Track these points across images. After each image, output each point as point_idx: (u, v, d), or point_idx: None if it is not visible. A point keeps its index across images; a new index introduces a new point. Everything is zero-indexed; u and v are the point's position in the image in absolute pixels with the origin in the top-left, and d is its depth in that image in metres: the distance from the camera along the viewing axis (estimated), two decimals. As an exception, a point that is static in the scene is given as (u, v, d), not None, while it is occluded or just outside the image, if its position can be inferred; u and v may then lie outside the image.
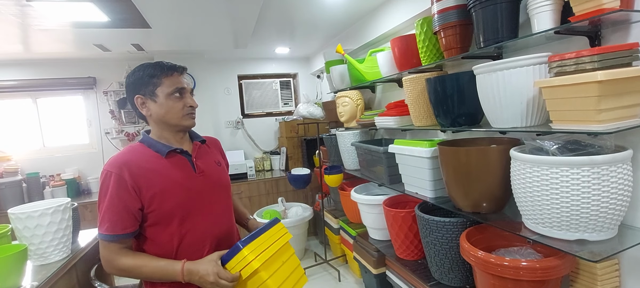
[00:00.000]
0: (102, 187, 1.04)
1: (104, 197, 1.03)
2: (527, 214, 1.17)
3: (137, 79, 1.09)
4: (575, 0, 1.02)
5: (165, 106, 1.09)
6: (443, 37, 1.55)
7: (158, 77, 1.08)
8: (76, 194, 3.42)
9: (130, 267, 1.03)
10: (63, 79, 3.47)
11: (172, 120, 1.11)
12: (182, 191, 1.09)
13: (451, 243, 1.54)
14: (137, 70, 1.11)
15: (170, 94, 1.09)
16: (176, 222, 1.07)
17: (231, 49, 3.51)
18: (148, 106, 1.10)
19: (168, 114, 1.10)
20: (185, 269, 1.01)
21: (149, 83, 1.08)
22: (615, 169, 0.99)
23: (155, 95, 1.08)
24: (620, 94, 0.95)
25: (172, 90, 1.09)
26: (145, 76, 1.08)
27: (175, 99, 1.10)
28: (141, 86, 1.09)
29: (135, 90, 1.10)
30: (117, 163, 1.04)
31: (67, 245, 1.71)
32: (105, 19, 2.19)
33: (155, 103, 1.09)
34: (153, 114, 1.10)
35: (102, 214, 1.03)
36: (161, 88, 1.08)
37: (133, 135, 3.52)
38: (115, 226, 1.01)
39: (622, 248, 1.04)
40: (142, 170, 1.05)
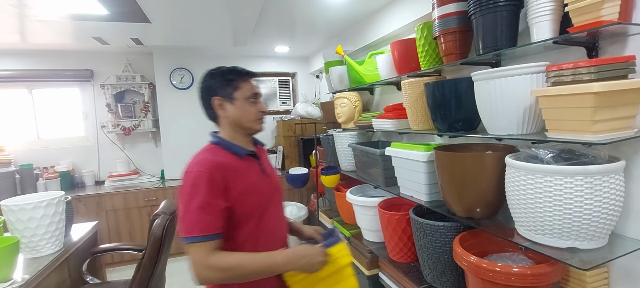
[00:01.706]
0: (193, 188, 1.00)
1: (194, 198, 0.99)
2: (520, 221, 1.19)
3: (216, 81, 1.13)
4: (574, 12, 1.03)
5: (242, 109, 1.13)
6: (443, 43, 1.56)
7: (237, 81, 1.12)
8: (70, 187, 3.40)
9: (231, 264, 0.99)
10: (60, 70, 3.44)
11: (246, 124, 1.15)
12: (257, 192, 1.12)
13: (444, 247, 1.55)
14: (216, 74, 1.14)
15: (247, 98, 1.13)
16: (253, 223, 1.09)
17: (230, 46, 3.50)
18: (225, 108, 1.13)
19: (244, 117, 1.13)
20: (285, 257, 1.03)
21: (228, 86, 1.12)
22: (608, 179, 1.00)
23: (234, 98, 1.12)
24: (615, 105, 0.96)
25: (250, 95, 1.13)
26: (224, 79, 1.12)
27: (251, 103, 1.14)
28: (220, 88, 1.12)
29: (213, 92, 1.13)
30: (206, 163, 1.04)
31: (60, 238, 1.70)
32: (105, 12, 2.18)
33: (233, 105, 1.12)
34: (230, 116, 1.13)
35: (194, 215, 0.99)
36: (239, 91, 1.12)
37: (129, 130, 3.51)
38: (211, 226, 0.99)
39: (612, 257, 1.06)
40: (229, 171, 1.06)
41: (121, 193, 3.25)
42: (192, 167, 1.04)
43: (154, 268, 1.62)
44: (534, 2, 1.16)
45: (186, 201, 1.00)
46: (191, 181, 1.01)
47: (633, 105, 1.00)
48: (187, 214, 0.99)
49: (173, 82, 3.59)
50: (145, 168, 3.80)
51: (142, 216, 3.30)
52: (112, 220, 3.23)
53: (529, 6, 1.19)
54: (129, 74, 3.54)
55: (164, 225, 1.61)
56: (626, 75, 1.00)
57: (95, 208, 3.17)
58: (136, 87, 3.55)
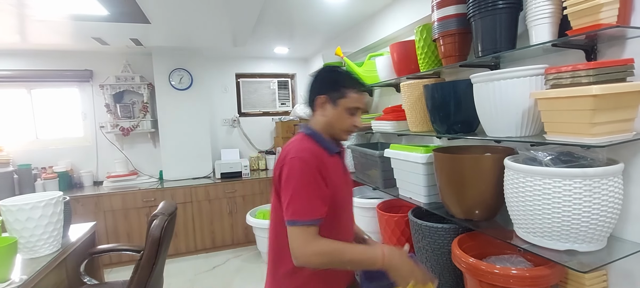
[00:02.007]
0: (302, 174, 1.03)
1: (303, 183, 1.02)
2: (518, 223, 1.19)
3: (330, 81, 1.14)
4: (573, 15, 1.03)
5: (339, 117, 1.14)
6: (442, 45, 1.56)
7: (347, 90, 1.12)
8: (68, 187, 3.39)
9: (332, 249, 1.01)
10: (59, 70, 3.43)
11: (335, 131, 1.16)
12: (341, 189, 1.14)
13: (443, 249, 1.55)
14: (333, 73, 1.16)
15: (348, 109, 1.13)
16: (336, 219, 1.12)
17: (230, 47, 3.50)
18: (326, 108, 1.14)
19: (337, 124, 1.14)
20: (388, 254, 1.03)
21: (338, 90, 1.12)
22: (606, 182, 1.00)
23: (338, 104, 1.13)
24: (614, 108, 0.96)
25: (353, 107, 1.14)
26: (338, 82, 1.13)
27: (349, 114, 1.14)
28: (330, 89, 1.13)
29: (322, 89, 1.14)
30: (312, 152, 1.07)
31: (58, 239, 1.69)
32: (105, 13, 2.18)
33: (334, 110, 1.13)
34: (327, 117, 1.14)
35: (304, 201, 1.02)
36: (345, 100, 1.12)
37: (128, 130, 3.50)
38: (317, 211, 1.03)
39: (610, 260, 1.06)
40: (323, 163, 1.08)
41: (119, 194, 3.24)
42: (298, 153, 1.05)
43: (152, 269, 1.61)
44: (533, 5, 1.16)
45: (295, 186, 1.03)
46: (299, 167, 1.03)
47: (631, 108, 1.00)
48: (297, 199, 1.02)
49: (172, 82, 3.59)
50: (144, 169, 3.79)
51: (141, 217, 3.29)
52: (110, 221, 3.22)
53: (528, 9, 1.19)
54: (128, 74, 3.54)
55: (163, 226, 1.61)
56: (624, 78, 1.00)
57: (94, 209, 3.16)
58: (135, 88, 3.55)
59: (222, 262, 3.34)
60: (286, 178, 1.05)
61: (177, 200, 3.36)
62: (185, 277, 3.07)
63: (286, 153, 1.09)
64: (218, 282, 2.98)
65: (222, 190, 3.54)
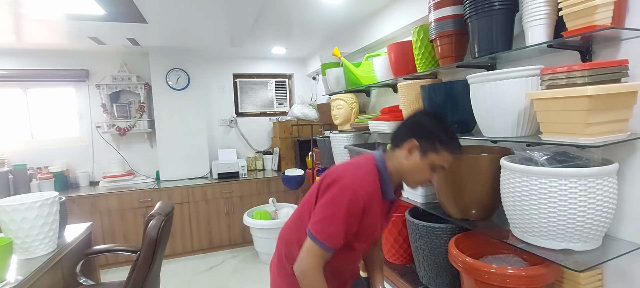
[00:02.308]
0: (347, 208, 1.02)
1: (344, 216, 1.02)
2: (514, 223, 1.20)
3: (431, 131, 1.08)
4: (568, 16, 1.04)
5: (422, 169, 1.09)
6: (439, 46, 1.57)
7: (443, 148, 1.07)
8: (64, 188, 3.37)
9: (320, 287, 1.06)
10: (55, 70, 3.41)
11: (409, 179, 1.13)
12: (371, 230, 1.14)
13: (440, 249, 1.55)
14: (437, 123, 1.10)
15: (434, 165, 1.09)
16: (347, 247, 1.12)
17: (227, 47, 3.50)
18: (414, 155, 1.09)
19: (415, 174, 1.11)
20: None
21: (434, 143, 1.07)
22: (601, 182, 1.01)
23: (427, 156, 1.08)
24: (608, 108, 0.97)
25: (438, 165, 1.09)
26: (437, 136, 1.07)
27: (431, 170, 1.10)
28: (426, 139, 1.08)
29: (419, 134, 1.09)
30: (368, 192, 1.05)
31: (54, 239, 1.68)
32: (102, 12, 2.17)
33: (420, 160, 1.09)
34: (409, 163, 1.10)
35: (336, 228, 1.03)
36: (436, 156, 1.08)
37: (124, 130, 3.48)
38: (339, 242, 1.05)
39: (605, 259, 1.07)
40: (371, 203, 1.08)
41: (116, 194, 3.22)
42: (355, 183, 1.04)
43: (148, 270, 1.60)
44: (529, 6, 1.17)
45: (335, 211, 1.03)
46: (349, 199, 1.02)
47: (626, 108, 1.01)
48: (330, 222, 1.03)
49: (169, 82, 3.58)
50: (140, 169, 3.78)
51: (137, 217, 3.28)
52: (107, 221, 3.20)
53: (524, 10, 1.20)
54: (125, 74, 3.52)
55: (159, 226, 1.60)
56: (619, 79, 1.01)
57: (90, 209, 3.14)
58: (132, 88, 3.54)
59: (219, 263, 3.33)
60: (332, 197, 1.04)
61: (174, 200, 3.35)
62: (182, 278, 3.06)
63: (346, 171, 1.08)
64: (215, 282, 2.97)
65: (219, 190, 3.53)
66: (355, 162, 1.14)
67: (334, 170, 1.11)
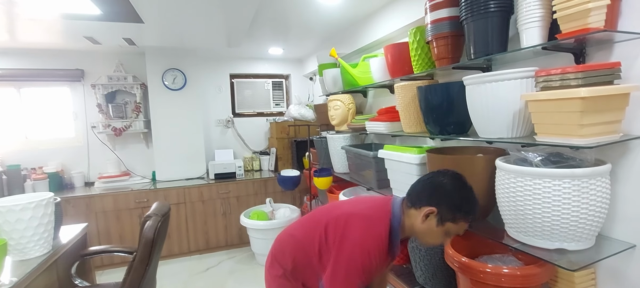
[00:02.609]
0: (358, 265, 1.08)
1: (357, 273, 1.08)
2: (509, 223, 1.21)
3: (452, 201, 1.08)
4: (562, 19, 1.05)
5: (436, 235, 1.11)
6: (435, 47, 1.58)
7: (462, 219, 1.09)
8: (59, 188, 3.34)
9: None
10: (50, 69, 3.39)
11: (422, 239, 1.15)
12: (371, 275, 1.16)
13: (436, 249, 1.56)
14: (460, 193, 1.09)
15: (449, 232, 1.11)
16: None
17: (224, 47, 3.49)
18: (430, 221, 1.10)
19: (429, 238, 1.13)
20: None
21: (454, 213, 1.08)
22: (594, 182, 1.02)
23: (444, 224, 1.09)
24: (601, 110, 0.99)
25: (454, 231, 1.11)
26: (458, 208, 1.08)
27: (446, 235, 1.12)
28: (446, 207, 1.08)
29: (439, 201, 1.09)
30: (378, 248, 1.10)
31: (49, 240, 1.67)
32: (98, 12, 2.16)
33: (437, 227, 1.10)
34: (425, 228, 1.11)
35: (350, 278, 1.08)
36: (453, 225, 1.09)
37: (120, 130, 3.46)
38: None
39: (598, 258, 1.08)
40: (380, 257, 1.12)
41: (111, 195, 3.21)
42: (366, 241, 1.09)
43: (145, 271, 1.60)
44: (524, 9, 1.19)
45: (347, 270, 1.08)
46: (360, 257, 1.08)
47: (618, 110, 1.03)
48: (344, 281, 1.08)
49: (165, 82, 3.57)
50: (136, 170, 3.76)
51: (133, 218, 3.26)
52: (102, 222, 3.18)
53: (519, 13, 1.21)
54: (121, 74, 3.50)
55: (156, 227, 1.60)
56: (612, 81, 1.03)
57: (85, 210, 3.12)
58: (128, 88, 3.52)
59: (215, 264, 3.32)
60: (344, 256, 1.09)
61: (170, 201, 3.34)
62: (179, 279, 3.05)
63: (355, 221, 1.12)
64: (211, 283, 2.97)
65: (216, 190, 3.53)
66: (370, 211, 1.16)
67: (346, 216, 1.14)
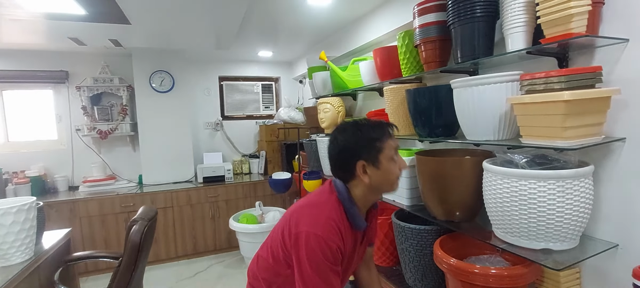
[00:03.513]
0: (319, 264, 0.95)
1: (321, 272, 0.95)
2: (497, 223, 1.23)
3: (360, 142, 1.01)
4: (546, 24, 1.08)
5: (386, 173, 1.02)
6: (423, 51, 1.60)
7: (382, 141, 1.01)
8: (41, 193, 3.25)
9: None
10: (32, 71, 3.30)
11: (386, 187, 1.05)
12: (346, 262, 1.07)
13: (425, 250, 1.58)
14: (356, 131, 1.02)
15: (389, 159, 1.02)
16: None
17: (213, 50, 3.46)
18: (368, 172, 1.01)
19: (386, 180, 1.03)
20: None
21: (372, 147, 1.00)
22: (578, 183, 1.05)
23: (379, 161, 1.01)
24: (584, 113, 1.02)
25: (393, 153, 1.02)
26: (368, 139, 1.00)
27: (393, 162, 1.03)
28: (364, 151, 1.01)
29: (357, 155, 1.01)
30: (333, 231, 0.98)
31: (31, 246, 1.62)
32: (82, 12, 2.12)
33: (377, 170, 1.01)
34: (372, 181, 1.02)
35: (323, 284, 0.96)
36: (383, 153, 1.01)
37: (106, 133, 3.39)
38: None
39: (583, 258, 1.11)
40: (344, 240, 1.02)
41: (96, 199, 3.13)
42: (317, 230, 0.96)
43: (131, 277, 1.56)
44: (509, 14, 1.21)
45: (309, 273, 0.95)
46: (314, 252, 0.95)
47: (600, 112, 1.06)
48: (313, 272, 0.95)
49: (153, 84, 3.51)
50: (123, 173, 3.69)
51: (119, 223, 3.19)
52: (87, 227, 3.10)
53: (504, 18, 1.24)
54: (107, 75, 3.44)
55: (142, 231, 1.57)
56: (593, 85, 1.06)
57: (69, 215, 3.04)
58: (114, 90, 3.45)
59: (204, 268, 3.27)
60: (303, 253, 0.96)
61: (158, 205, 3.28)
62: (166, 284, 2.99)
63: (301, 217, 1.00)
64: (200, 288, 2.92)
65: (205, 194, 3.48)
66: (315, 198, 1.06)
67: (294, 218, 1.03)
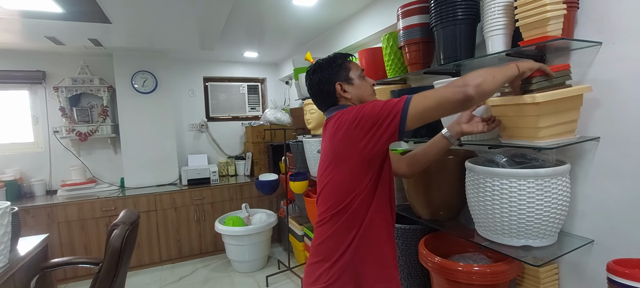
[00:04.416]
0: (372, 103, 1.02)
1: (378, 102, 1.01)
2: (479, 222, 1.25)
3: (330, 70, 1.17)
4: (524, 27, 1.12)
5: (361, 86, 1.17)
6: (407, 52, 1.62)
7: (345, 63, 1.17)
8: (17, 197, 3.13)
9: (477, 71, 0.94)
10: (7, 71, 3.17)
11: (367, 97, 1.17)
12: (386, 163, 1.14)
13: (411, 250, 1.59)
14: (325, 64, 1.18)
15: (359, 75, 1.18)
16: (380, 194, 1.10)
17: (197, 50, 3.41)
18: (346, 89, 1.16)
19: (364, 92, 1.17)
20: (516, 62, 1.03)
21: (341, 70, 1.16)
22: (556, 181, 1.09)
23: (350, 78, 1.16)
24: (557, 112, 1.05)
25: (360, 72, 1.19)
26: (336, 65, 1.17)
27: (363, 78, 1.19)
28: (337, 74, 1.16)
29: (333, 80, 1.16)
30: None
31: (5, 253, 1.56)
32: (60, 11, 2.05)
33: (352, 86, 1.16)
34: (352, 96, 1.16)
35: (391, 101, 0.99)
36: (352, 72, 1.17)
37: (86, 135, 3.29)
38: None
39: (561, 253, 1.14)
40: None
41: (75, 204, 3.03)
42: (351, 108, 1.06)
43: (111, 283, 1.52)
44: (489, 17, 1.24)
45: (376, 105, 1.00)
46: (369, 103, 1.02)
47: (573, 110, 1.10)
48: (388, 103, 0.98)
49: (135, 85, 3.43)
50: (103, 176, 3.59)
51: (99, 227, 3.10)
52: (65, 233, 3.00)
53: (485, 21, 1.27)
54: (86, 76, 3.34)
55: (124, 236, 1.53)
56: (564, 83, 1.10)
57: (46, 220, 2.93)
58: (94, 90, 3.36)
59: (189, 273, 3.21)
60: (366, 110, 1.00)
61: (140, 208, 3.20)
62: (149, 290, 2.92)
63: (341, 116, 1.07)
64: (185, 293, 2.87)
65: (190, 197, 3.42)
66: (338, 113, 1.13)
67: (336, 123, 1.09)
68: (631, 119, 1.07)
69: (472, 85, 0.91)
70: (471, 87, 0.90)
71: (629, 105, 1.07)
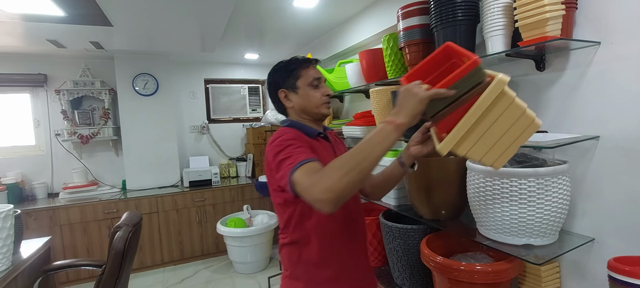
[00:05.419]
0: (285, 145, 0.99)
1: (293, 146, 0.98)
2: (480, 221, 1.26)
3: (279, 75, 1.17)
4: (523, 27, 1.12)
5: (306, 96, 1.15)
6: (407, 53, 1.63)
7: (297, 70, 1.15)
8: (19, 200, 3.14)
9: (344, 158, 0.83)
10: (8, 74, 3.19)
11: (312, 109, 1.15)
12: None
13: (413, 249, 1.60)
14: (278, 68, 1.19)
15: (309, 84, 1.15)
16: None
17: (198, 52, 3.43)
18: (290, 98, 1.16)
19: (309, 103, 1.15)
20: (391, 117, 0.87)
21: (289, 76, 1.15)
22: (556, 180, 1.09)
23: (296, 87, 1.15)
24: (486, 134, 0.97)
25: (311, 81, 1.15)
26: (286, 71, 1.16)
27: (314, 88, 1.15)
28: (283, 81, 1.16)
29: (277, 86, 1.17)
30: (291, 132, 1.07)
31: (8, 256, 1.57)
32: (61, 14, 2.06)
33: (296, 94, 1.15)
34: (295, 105, 1.16)
35: (294, 155, 0.95)
36: (301, 80, 1.15)
37: (87, 138, 3.30)
38: (309, 155, 0.94)
39: (562, 252, 1.15)
40: (311, 143, 1.08)
41: (78, 206, 3.04)
42: (280, 135, 1.05)
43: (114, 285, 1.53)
44: (489, 18, 1.25)
45: (283, 153, 0.98)
46: (281, 141, 1.01)
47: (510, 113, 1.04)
48: (286, 161, 0.95)
49: (136, 88, 3.45)
50: (105, 179, 3.60)
51: (102, 230, 3.11)
52: (68, 235, 3.01)
53: (484, 21, 1.28)
54: (88, 79, 3.35)
55: (126, 238, 1.54)
56: (477, 86, 1.07)
57: (48, 223, 2.94)
58: (95, 93, 3.37)
59: (191, 274, 3.22)
60: (274, 155, 1.00)
61: (142, 210, 3.21)
62: (151, 291, 2.93)
63: (270, 143, 1.07)
64: (187, 294, 2.88)
65: (191, 198, 3.43)
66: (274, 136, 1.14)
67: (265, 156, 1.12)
68: (630, 117, 1.07)
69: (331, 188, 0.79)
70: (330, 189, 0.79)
71: (627, 103, 1.08)
